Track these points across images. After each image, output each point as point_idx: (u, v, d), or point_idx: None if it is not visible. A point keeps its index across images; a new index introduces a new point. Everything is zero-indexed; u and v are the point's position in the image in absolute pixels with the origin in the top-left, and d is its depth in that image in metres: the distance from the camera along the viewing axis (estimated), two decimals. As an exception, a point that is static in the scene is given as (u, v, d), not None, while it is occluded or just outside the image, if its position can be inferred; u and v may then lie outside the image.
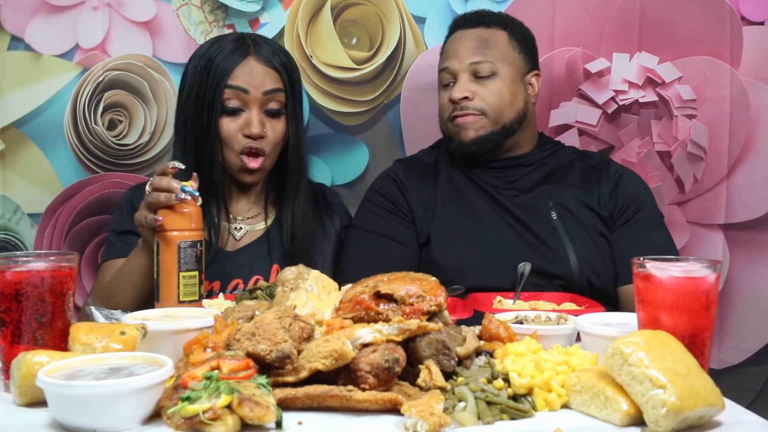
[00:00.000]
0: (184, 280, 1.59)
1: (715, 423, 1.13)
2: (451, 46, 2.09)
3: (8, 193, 2.37)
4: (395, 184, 2.12)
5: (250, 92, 1.91)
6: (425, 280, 1.34)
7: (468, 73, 2.03)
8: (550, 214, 2.01)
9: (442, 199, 2.07)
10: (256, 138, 1.91)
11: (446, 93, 2.06)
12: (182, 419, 1.05)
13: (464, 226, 2.03)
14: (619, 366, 1.12)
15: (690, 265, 1.28)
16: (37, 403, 1.17)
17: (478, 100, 2.02)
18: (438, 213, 2.05)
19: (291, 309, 1.26)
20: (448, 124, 2.07)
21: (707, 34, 2.41)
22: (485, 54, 2.04)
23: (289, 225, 1.99)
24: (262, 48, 1.95)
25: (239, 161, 1.93)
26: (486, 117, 2.02)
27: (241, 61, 1.91)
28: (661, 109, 2.44)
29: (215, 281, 1.92)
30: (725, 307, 2.41)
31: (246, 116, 1.91)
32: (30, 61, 2.36)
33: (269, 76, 1.93)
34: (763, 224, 2.43)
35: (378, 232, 2.05)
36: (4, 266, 1.26)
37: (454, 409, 1.13)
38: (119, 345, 1.26)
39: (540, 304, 1.76)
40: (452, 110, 2.04)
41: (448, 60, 2.07)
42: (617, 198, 2.05)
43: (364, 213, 2.11)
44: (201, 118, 1.91)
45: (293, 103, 1.98)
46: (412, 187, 2.10)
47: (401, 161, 2.22)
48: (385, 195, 2.10)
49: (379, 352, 1.17)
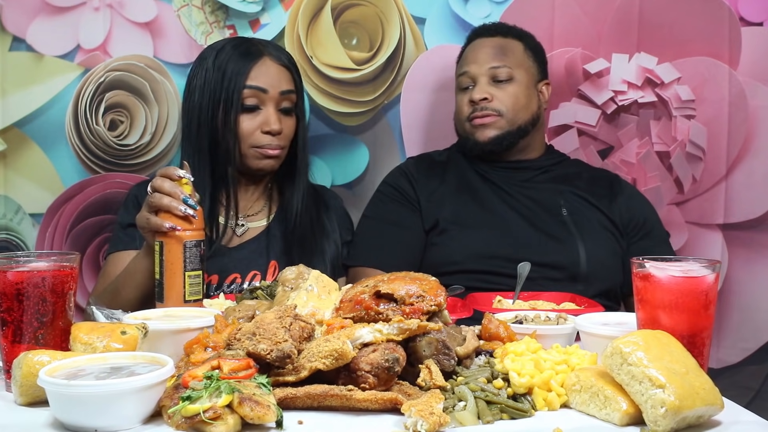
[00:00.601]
0: (190, 280, 1.59)
1: (714, 422, 1.13)
2: (470, 53, 2.19)
3: (10, 193, 2.38)
4: (405, 176, 2.22)
5: (269, 91, 1.96)
6: (425, 279, 1.35)
7: (487, 77, 2.14)
8: (561, 210, 2.10)
9: (450, 190, 2.17)
10: (275, 134, 1.97)
11: (465, 95, 2.17)
12: (183, 418, 1.06)
13: (472, 213, 2.12)
14: (618, 365, 1.12)
15: (689, 264, 1.29)
16: (39, 403, 1.18)
17: (497, 101, 2.13)
18: (446, 202, 2.15)
19: (291, 309, 1.27)
20: (466, 124, 2.17)
21: (706, 35, 2.41)
22: (503, 60, 2.15)
23: (291, 219, 2.02)
24: (273, 49, 2.02)
25: (255, 153, 1.97)
26: (503, 118, 2.13)
27: (258, 61, 1.96)
28: (660, 109, 2.44)
29: (213, 275, 1.94)
30: (724, 306, 2.41)
31: (264, 114, 1.96)
32: (31, 62, 2.36)
33: (284, 76, 1.99)
34: (761, 224, 2.43)
35: (387, 219, 2.16)
36: (6, 266, 1.26)
37: (454, 409, 1.13)
38: (120, 344, 1.27)
39: (539, 303, 1.76)
40: (471, 111, 2.14)
41: (467, 65, 2.18)
42: (632, 211, 2.15)
43: (375, 203, 2.23)
44: (217, 118, 1.94)
45: (301, 102, 2.06)
46: (420, 179, 2.20)
47: (413, 158, 2.33)
48: (394, 186, 2.21)
49: (379, 351, 1.17)
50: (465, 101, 2.17)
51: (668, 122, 2.43)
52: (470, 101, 2.14)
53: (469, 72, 2.17)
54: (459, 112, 2.20)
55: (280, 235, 2.02)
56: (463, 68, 2.20)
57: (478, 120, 2.13)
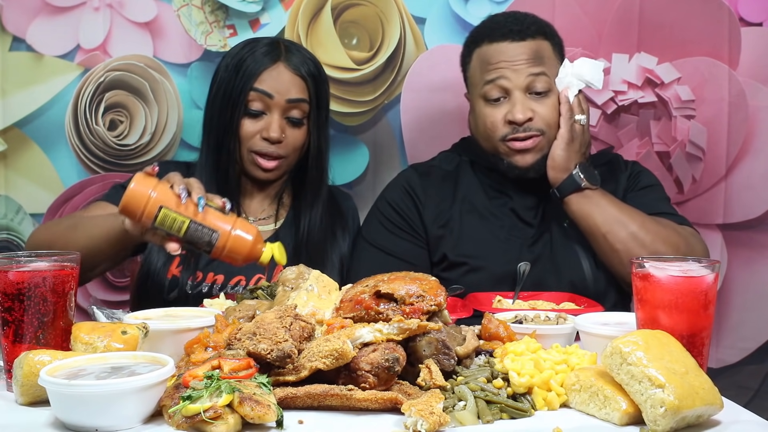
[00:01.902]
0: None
1: (714, 422, 1.14)
2: (498, 56, 1.93)
3: (10, 193, 2.38)
4: (409, 196, 2.03)
5: (274, 97, 1.93)
6: (425, 279, 1.35)
7: (523, 90, 1.91)
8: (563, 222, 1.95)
9: (459, 213, 1.99)
10: (274, 142, 1.93)
11: (498, 110, 1.92)
12: (183, 418, 1.06)
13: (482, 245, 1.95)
14: (618, 365, 1.13)
15: (688, 264, 1.29)
16: (40, 402, 1.18)
17: (539, 119, 1.90)
18: (455, 230, 1.97)
19: (292, 308, 1.27)
20: (501, 145, 1.93)
21: (706, 35, 2.41)
22: (541, 67, 1.92)
23: (305, 232, 2.00)
24: (293, 55, 1.96)
25: (253, 159, 1.96)
26: (545, 137, 1.91)
27: (271, 66, 1.94)
28: (660, 109, 2.44)
29: (219, 275, 1.93)
30: (723, 306, 2.42)
31: (267, 120, 1.94)
32: (31, 62, 2.36)
33: (296, 84, 1.95)
34: (760, 224, 2.43)
35: (387, 251, 1.98)
36: (7, 266, 1.26)
37: (454, 408, 1.14)
38: (121, 344, 1.27)
39: (539, 303, 1.76)
40: (511, 131, 1.90)
41: (497, 71, 1.91)
42: (634, 179, 2.03)
43: (374, 225, 2.03)
44: (224, 117, 1.94)
45: (317, 114, 1.98)
46: (428, 201, 2.01)
47: (417, 168, 2.11)
48: (397, 209, 2.02)
49: (379, 351, 1.17)
50: (499, 118, 1.91)
51: (668, 122, 2.44)
52: (509, 121, 1.90)
53: (501, 82, 1.91)
54: (490, 129, 1.93)
55: (289, 241, 1.99)
56: (490, 74, 1.92)
57: (519, 144, 1.90)
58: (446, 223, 1.99)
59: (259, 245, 1.55)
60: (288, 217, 2.06)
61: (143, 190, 1.51)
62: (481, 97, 1.95)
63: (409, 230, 2.01)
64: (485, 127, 1.95)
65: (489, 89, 1.93)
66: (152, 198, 1.51)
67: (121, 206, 1.53)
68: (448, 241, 1.97)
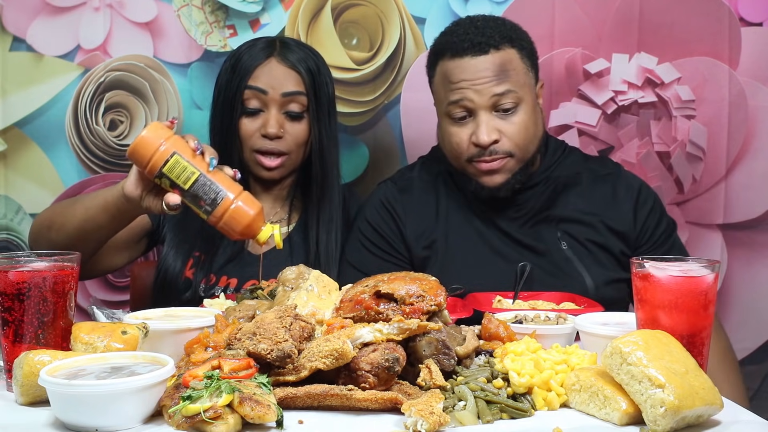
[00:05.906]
0: None
1: (714, 422, 1.14)
2: (459, 75, 1.82)
3: (10, 194, 2.38)
4: (389, 214, 1.95)
5: (269, 93, 1.92)
6: (425, 279, 1.35)
7: (488, 109, 1.80)
8: (560, 244, 1.89)
9: (444, 232, 1.92)
10: (272, 138, 1.93)
11: (462, 129, 1.83)
12: (183, 418, 1.06)
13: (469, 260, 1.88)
14: (618, 365, 1.13)
15: (688, 264, 1.29)
16: (40, 402, 1.18)
17: (506, 140, 1.81)
18: (440, 249, 1.90)
19: (292, 308, 1.27)
20: (468, 165, 1.86)
21: (706, 35, 2.41)
22: (506, 83, 1.80)
23: (314, 230, 1.98)
24: (288, 51, 1.95)
25: (256, 158, 1.95)
26: (513, 158, 1.83)
27: (263, 62, 1.93)
28: (660, 109, 2.44)
29: (232, 278, 1.93)
30: (723, 306, 2.42)
31: (264, 116, 1.93)
32: (32, 62, 2.36)
33: (290, 78, 1.94)
34: (761, 224, 2.44)
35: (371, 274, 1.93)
36: (7, 266, 1.26)
37: (454, 408, 1.14)
38: (121, 344, 1.27)
39: (539, 303, 1.76)
40: (476, 154, 1.82)
41: (460, 91, 1.81)
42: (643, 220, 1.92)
43: (356, 247, 1.96)
44: (225, 118, 1.94)
45: (317, 107, 1.96)
46: (409, 219, 1.93)
47: (396, 182, 2.01)
48: (377, 229, 1.94)
49: (379, 351, 1.17)
50: (464, 138, 1.82)
51: (668, 122, 2.44)
52: (473, 143, 1.81)
53: (464, 103, 1.81)
54: (455, 148, 1.85)
55: (302, 244, 1.98)
56: (452, 95, 1.81)
57: (486, 165, 1.82)
58: (431, 244, 1.91)
59: (260, 222, 1.52)
60: (300, 220, 2.04)
61: (157, 135, 1.51)
62: (446, 115, 1.87)
63: (390, 251, 1.94)
64: (451, 146, 1.87)
65: (452, 109, 1.83)
66: (165, 144, 1.50)
67: (130, 149, 1.53)
68: (434, 264, 1.89)
